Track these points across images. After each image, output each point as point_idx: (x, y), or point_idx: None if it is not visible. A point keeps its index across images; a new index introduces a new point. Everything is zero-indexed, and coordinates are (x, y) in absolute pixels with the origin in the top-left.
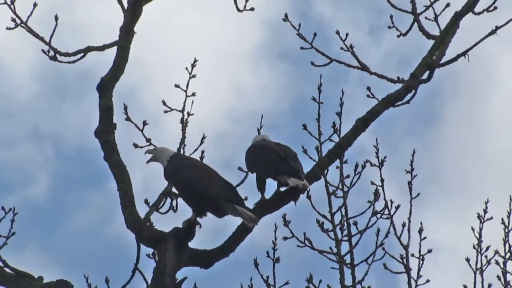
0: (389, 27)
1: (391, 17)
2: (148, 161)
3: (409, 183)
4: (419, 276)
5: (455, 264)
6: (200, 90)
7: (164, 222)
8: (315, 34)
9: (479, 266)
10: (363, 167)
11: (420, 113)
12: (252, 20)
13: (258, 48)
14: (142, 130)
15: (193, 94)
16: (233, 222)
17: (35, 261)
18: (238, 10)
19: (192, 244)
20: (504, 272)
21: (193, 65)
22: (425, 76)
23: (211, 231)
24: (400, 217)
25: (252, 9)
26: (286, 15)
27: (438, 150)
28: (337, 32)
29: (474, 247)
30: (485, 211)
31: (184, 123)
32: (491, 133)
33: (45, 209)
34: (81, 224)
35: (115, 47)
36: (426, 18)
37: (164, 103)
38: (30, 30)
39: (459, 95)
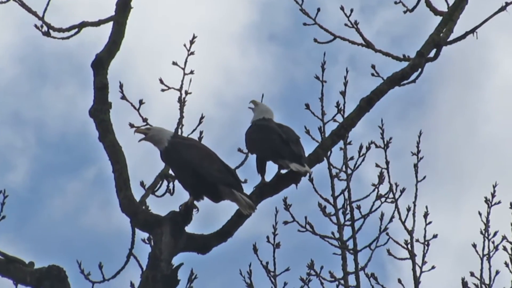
0: (395, 3)
1: None
2: (140, 140)
3: (415, 166)
4: (424, 262)
5: (461, 250)
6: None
7: (160, 206)
8: (318, 10)
9: (486, 252)
10: (368, 148)
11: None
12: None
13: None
14: (138, 110)
15: (191, 72)
16: (231, 205)
17: (24, 247)
18: None
19: (189, 229)
20: None
21: (191, 42)
22: (432, 54)
23: (209, 215)
24: (405, 201)
25: None
26: None
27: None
28: (342, 8)
29: (481, 232)
30: (493, 195)
31: (181, 102)
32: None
33: (25, 196)
34: (65, 210)
35: (111, 23)
36: None
37: (161, 81)
38: (23, 4)
39: (451, 81)
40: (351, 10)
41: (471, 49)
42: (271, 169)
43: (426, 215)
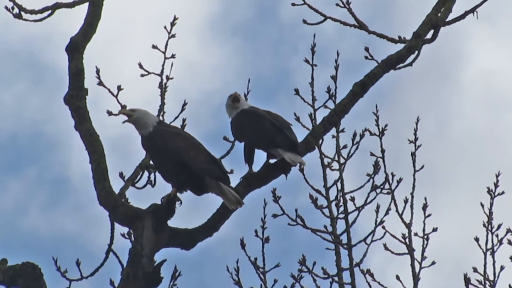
0: None
1: None
2: (124, 121)
3: (413, 154)
4: (423, 258)
5: (463, 245)
6: None
7: (141, 198)
8: None
9: (489, 246)
10: (362, 136)
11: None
12: None
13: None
14: (116, 96)
15: (173, 56)
16: (217, 198)
17: None
18: None
19: (171, 223)
20: None
21: (172, 24)
22: (429, 35)
23: (193, 208)
24: (402, 192)
25: None
26: None
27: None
28: None
29: (484, 225)
30: (496, 185)
31: (163, 88)
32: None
33: None
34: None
35: (86, 4)
36: None
37: (140, 65)
38: None
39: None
40: None
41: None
42: (259, 158)
43: (425, 207)
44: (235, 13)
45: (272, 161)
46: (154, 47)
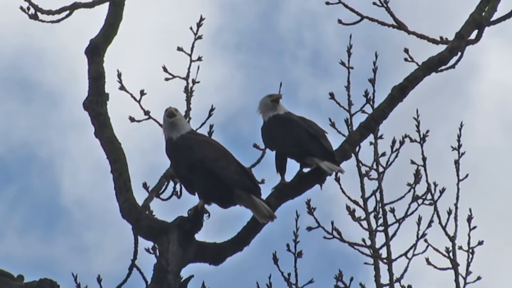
0: None
1: None
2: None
3: (456, 162)
4: (468, 273)
5: (510, 258)
6: None
7: (166, 210)
8: None
9: None
10: (402, 143)
11: None
12: None
13: None
14: (139, 101)
15: (199, 59)
16: (247, 210)
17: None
18: None
19: (199, 237)
20: None
21: (198, 25)
22: (473, 36)
23: (222, 220)
24: (445, 203)
25: None
26: None
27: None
28: None
29: None
30: None
31: (188, 92)
32: None
33: None
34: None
35: (107, 4)
36: None
37: (165, 69)
38: None
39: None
40: None
41: None
42: (292, 167)
43: (469, 219)
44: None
45: (306, 170)
46: (179, 49)
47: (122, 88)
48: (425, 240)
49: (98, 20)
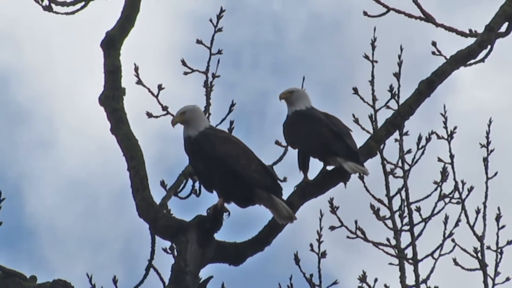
0: None
1: None
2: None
3: (485, 160)
4: (496, 273)
5: None
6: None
7: (185, 209)
8: None
9: None
10: (428, 140)
11: None
12: None
13: None
14: (157, 96)
15: (219, 52)
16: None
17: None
18: None
19: (218, 236)
20: None
21: (218, 16)
22: (503, 28)
23: (242, 219)
24: (473, 202)
25: None
26: None
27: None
28: None
29: None
30: None
31: (208, 87)
32: None
33: None
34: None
35: None
36: None
37: (183, 62)
38: None
39: None
40: None
41: None
42: (315, 165)
43: (498, 218)
44: None
45: (329, 168)
46: (198, 42)
47: (139, 82)
48: (452, 240)
49: (114, 12)
